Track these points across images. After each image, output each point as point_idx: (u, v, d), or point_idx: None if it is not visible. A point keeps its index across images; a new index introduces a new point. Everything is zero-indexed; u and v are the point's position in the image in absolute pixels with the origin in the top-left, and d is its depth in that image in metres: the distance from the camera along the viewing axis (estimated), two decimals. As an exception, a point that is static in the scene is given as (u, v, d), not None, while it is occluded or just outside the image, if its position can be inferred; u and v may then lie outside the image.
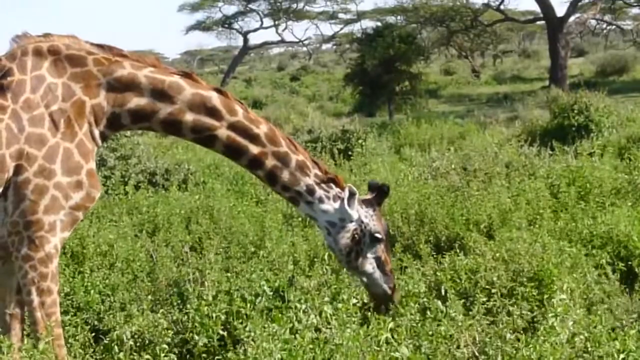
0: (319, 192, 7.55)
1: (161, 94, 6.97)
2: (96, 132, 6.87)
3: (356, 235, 7.58)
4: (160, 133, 7.51)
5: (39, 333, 6.50)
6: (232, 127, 7.20)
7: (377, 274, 7.70)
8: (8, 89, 6.59)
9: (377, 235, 7.62)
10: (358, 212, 7.61)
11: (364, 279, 7.72)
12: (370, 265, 7.68)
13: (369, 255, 7.65)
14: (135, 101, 6.91)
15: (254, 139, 7.28)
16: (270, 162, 7.36)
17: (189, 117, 7.05)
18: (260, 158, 7.34)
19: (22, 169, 6.47)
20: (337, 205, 7.56)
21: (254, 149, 7.29)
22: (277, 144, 7.38)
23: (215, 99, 7.13)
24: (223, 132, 7.18)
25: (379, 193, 7.78)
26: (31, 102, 6.57)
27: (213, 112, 7.12)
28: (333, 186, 7.61)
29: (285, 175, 7.44)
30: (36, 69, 6.68)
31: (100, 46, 7.01)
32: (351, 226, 7.58)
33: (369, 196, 7.82)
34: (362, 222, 7.61)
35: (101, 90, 6.82)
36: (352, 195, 7.54)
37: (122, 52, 7.05)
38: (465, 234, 10.29)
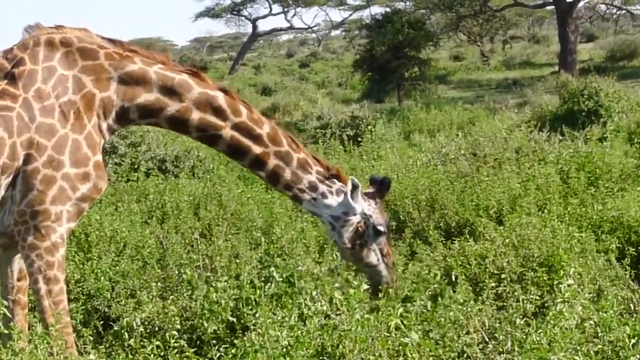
0: (322, 187, 7.61)
1: (170, 91, 7.03)
2: (104, 125, 6.92)
3: (360, 228, 7.64)
4: (166, 129, 7.56)
5: (48, 321, 6.53)
6: (236, 127, 7.28)
7: (382, 266, 7.76)
8: (19, 78, 6.63)
9: (380, 227, 7.67)
10: (361, 205, 7.65)
11: (368, 270, 7.75)
12: (375, 257, 7.75)
13: (374, 246, 7.70)
14: (145, 96, 6.97)
15: (257, 139, 7.36)
16: (272, 162, 7.44)
17: (196, 115, 7.13)
18: (263, 158, 7.42)
19: (32, 158, 6.49)
20: (340, 199, 7.61)
21: (257, 149, 7.38)
22: (279, 143, 7.46)
23: (221, 99, 7.21)
24: (227, 132, 7.26)
25: (380, 186, 7.83)
26: (42, 92, 6.60)
27: (218, 112, 7.20)
28: (336, 181, 7.67)
29: (287, 175, 7.51)
30: (48, 60, 6.72)
31: (112, 40, 7.09)
32: (354, 219, 7.63)
33: (370, 190, 7.86)
34: (365, 214, 7.66)
35: (111, 83, 6.87)
36: (355, 187, 7.58)
37: (132, 48, 7.11)
38: (475, 220, 10.29)
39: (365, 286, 7.32)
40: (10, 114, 6.48)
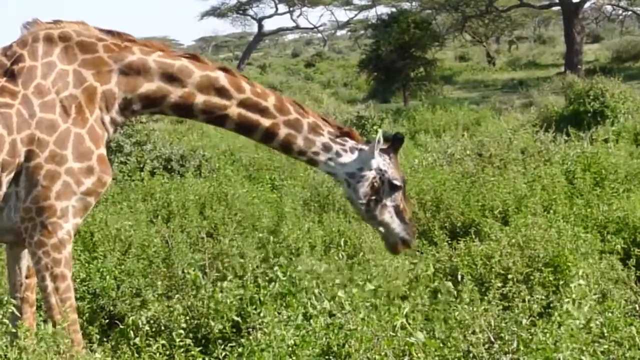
0: (335, 147, 7.55)
1: (171, 77, 6.99)
2: (107, 119, 6.89)
3: (375, 184, 7.59)
4: (171, 116, 7.53)
5: (55, 318, 6.53)
6: (242, 104, 7.22)
7: (396, 223, 7.70)
8: (19, 75, 6.61)
9: (396, 182, 7.61)
10: (377, 160, 7.61)
11: (382, 229, 7.71)
12: (388, 214, 7.66)
13: (388, 203, 7.66)
14: (146, 86, 6.94)
15: (264, 112, 7.29)
16: (283, 131, 7.37)
17: (200, 98, 7.08)
18: (273, 130, 7.35)
19: (34, 155, 6.48)
20: (354, 156, 7.57)
21: (266, 122, 7.31)
22: (287, 112, 7.39)
23: (223, 79, 7.15)
24: (234, 110, 7.20)
25: (394, 142, 7.78)
26: (42, 88, 6.59)
27: (222, 92, 7.14)
28: (347, 139, 7.63)
29: (299, 141, 7.45)
30: (47, 56, 6.70)
31: (110, 32, 7.04)
32: (370, 174, 7.57)
33: (384, 146, 7.82)
34: (381, 169, 7.61)
35: (112, 76, 6.84)
36: (379, 142, 7.55)
37: (130, 38, 7.08)
38: (480, 220, 10.30)
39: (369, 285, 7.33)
40: (9, 111, 6.47)
